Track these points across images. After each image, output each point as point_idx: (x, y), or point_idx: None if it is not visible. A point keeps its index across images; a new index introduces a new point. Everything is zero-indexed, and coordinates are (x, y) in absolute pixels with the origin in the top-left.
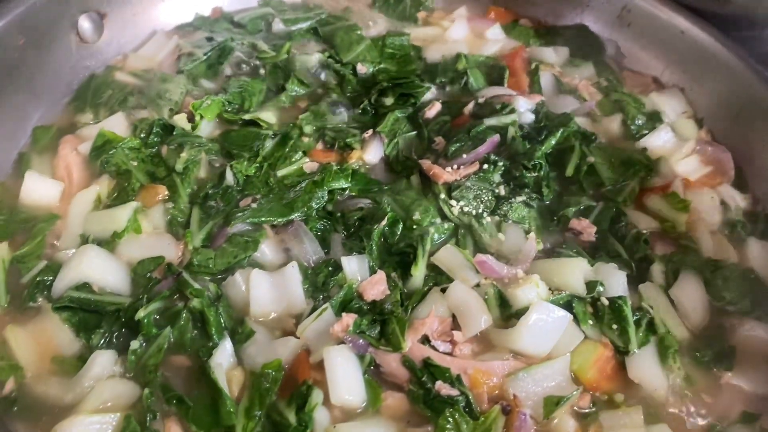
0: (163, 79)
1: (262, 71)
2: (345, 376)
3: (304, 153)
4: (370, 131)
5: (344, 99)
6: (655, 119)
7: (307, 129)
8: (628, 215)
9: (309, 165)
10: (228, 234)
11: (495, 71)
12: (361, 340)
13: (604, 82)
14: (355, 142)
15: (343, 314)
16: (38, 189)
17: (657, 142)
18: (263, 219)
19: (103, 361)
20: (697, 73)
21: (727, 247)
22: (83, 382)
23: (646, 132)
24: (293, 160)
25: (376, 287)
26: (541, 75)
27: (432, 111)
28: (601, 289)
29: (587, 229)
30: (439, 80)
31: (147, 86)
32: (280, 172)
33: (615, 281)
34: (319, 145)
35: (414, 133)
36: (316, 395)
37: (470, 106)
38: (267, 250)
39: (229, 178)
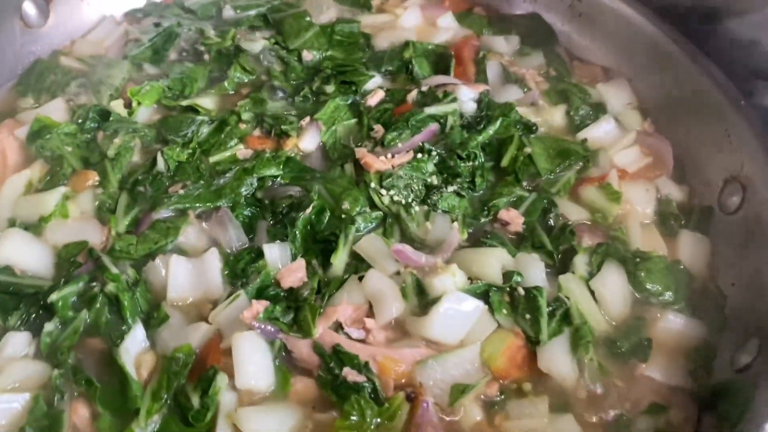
0: (108, 64)
1: (206, 57)
2: (251, 362)
3: (240, 139)
4: (308, 118)
5: (287, 86)
6: (599, 110)
7: (246, 116)
8: (559, 206)
9: (243, 152)
10: (152, 220)
11: (442, 60)
12: (270, 327)
13: (553, 71)
14: (292, 129)
15: (254, 301)
16: None
17: (598, 132)
18: (189, 205)
19: (17, 341)
20: (644, 64)
21: (657, 239)
22: None
23: (589, 123)
24: (228, 146)
25: (294, 274)
26: (489, 64)
27: (374, 99)
28: (519, 279)
29: (515, 219)
30: (385, 68)
31: (91, 72)
32: (213, 159)
33: (534, 272)
34: (257, 132)
35: (354, 121)
36: (221, 379)
37: (413, 94)
38: (191, 236)
39: (161, 164)
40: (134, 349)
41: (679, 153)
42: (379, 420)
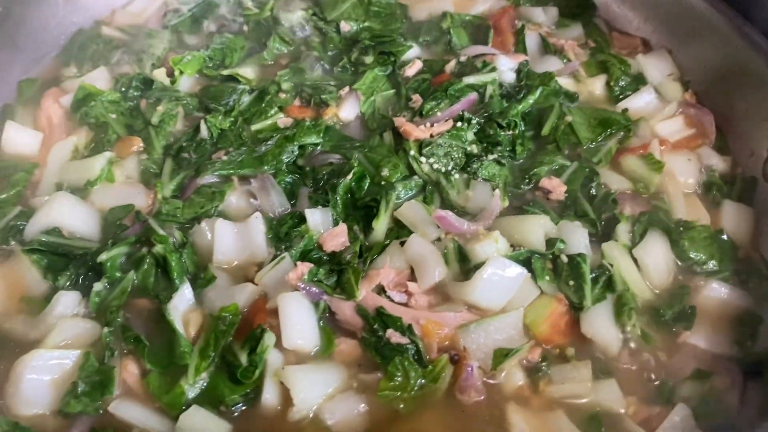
0: (148, 34)
1: (245, 28)
2: (297, 322)
3: (280, 108)
4: (347, 88)
5: (325, 57)
6: (639, 81)
7: (285, 86)
8: (600, 175)
9: (283, 120)
10: (197, 185)
11: (480, 31)
12: (314, 288)
13: (592, 43)
14: (331, 98)
15: (299, 263)
16: (18, 139)
17: (639, 103)
18: (232, 171)
19: (67, 300)
20: (685, 34)
21: (700, 208)
22: (47, 320)
23: (630, 93)
24: (269, 115)
25: (336, 239)
26: (528, 35)
27: (412, 69)
28: (562, 246)
29: (557, 188)
30: (423, 39)
31: (132, 41)
32: (254, 127)
33: (577, 239)
34: (297, 102)
35: (392, 91)
36: (268, 338)
37: (452, 64)
38: (234, 201)
39: (203, 131)
40: (182, 306)
41: (721, 123)
42: (423, 381)
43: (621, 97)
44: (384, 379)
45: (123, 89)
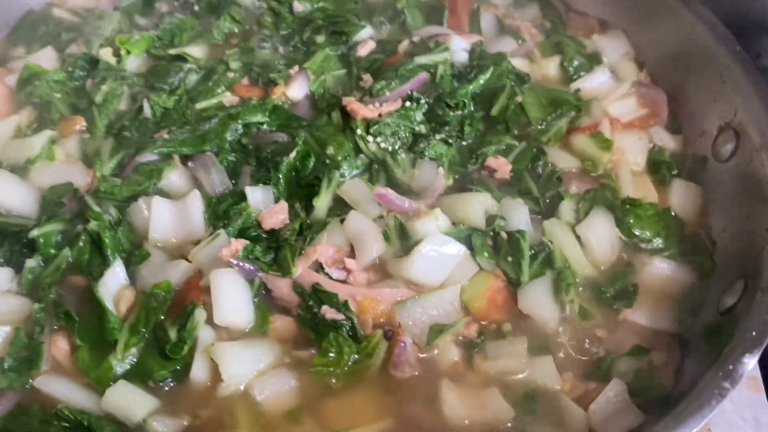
0: (98, 15)
1: (196, 8)
2: (229, 298)
3: (228, 88)
4: (297, 67)
5: (277, 36)
6: (593, 61)
7: (234, 65)
8: (548, 155)
9: (229, 99)
10: (136, 163)
11: (435, 11)
12: (249, 265)
13: (548, 23)
14: (280, 77)
15: (233, 240)
16: None
17: (592, 83)
18: (173, 149)
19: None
20: (640, 14)
21: (648, 186)
22: None
23: (584, 74)
24: (215, 93)
25: (276, 216)
26: (483, 16)
27: (365, 49)
28: (502, 223)
29: (502, 167)
30: (377, 19)
31: (82, 23)
32: (199, 105)
33: (517, 216)
34: (245, 81)
35: (344, 71)
36: (199, 314)
37: (405, 44)
38: (175, 179)
39: (147, 110)
40: (113, 284)
41: (674, 103)
42: (357, 356)
43: (575, 77)
44: (318, 355)
45: (69, 69)
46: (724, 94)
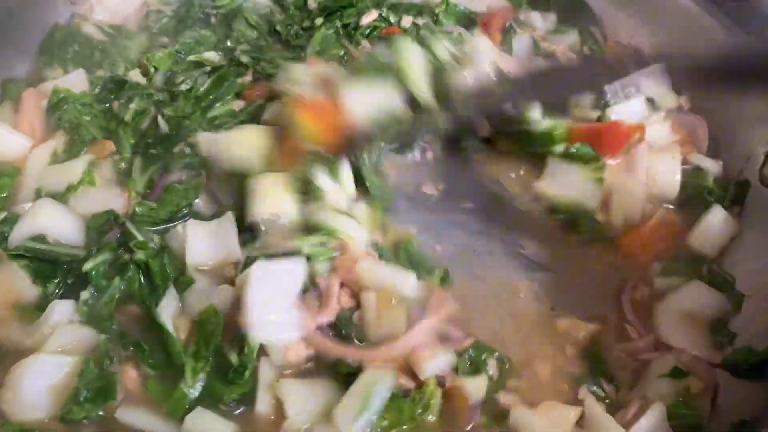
0: (126, 36)
1: (213, 20)
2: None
3: (237, 95)
4: None
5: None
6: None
7: (244, 58)
8: None
9: (238, 104)
10: (166, 182)
11: (469, 24)
12: None
13: (587, 50)
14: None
15: None
16: (5, 143)
17: (627, 112)
18: (192, 164)
19: (62, 308)
20: (680, 40)
21: None
22: (42, 328)
23: (618, 101)
24: (226, 100)
25: None
26: (519, 37)
27: (367, 18)
28: None
29: None
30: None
31: (110, 43)
32: (211, 114)
33: None
34: (249, 78)
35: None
36: (252, 337)
37: (408, 19)
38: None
39: (161, 124)
40: (170, 309)
41: (714, 128)
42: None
43: (612, 104)
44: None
45: (96, 91)
46: None
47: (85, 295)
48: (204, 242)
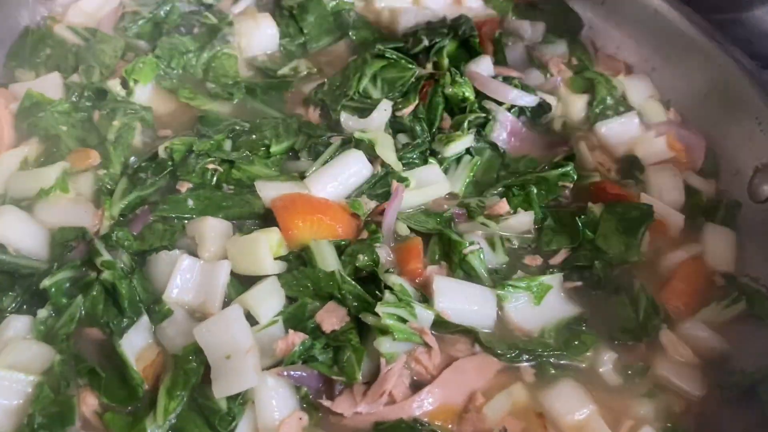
0: (99, 39)
1: (196, 30)
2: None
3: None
4: None
5: None
6: (620, 104)
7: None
8: None
9: None
10: (149, 220)
11: None
12: (300, 372)
13: (575, 61)
14: None
15: (291, 332)
16: None
17: (620, 127)
18: (191, 215)
19: (18, 325)
20: (668, 53)
21: None
22: None
23: (610, 114)
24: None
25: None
26: (512, 47)
27: None
28: None
29: None
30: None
31: (85, 46)
32: (236, 175)
33: None
34: None
35: None
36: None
37: None
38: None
39: (162, 154)
40: (138, 341)
41: (707, 145)
42: None
43: (600, 118)
44: None
45: (74, 99)
46: (758, 134)
47: (43, 313)
48: (192, 280)
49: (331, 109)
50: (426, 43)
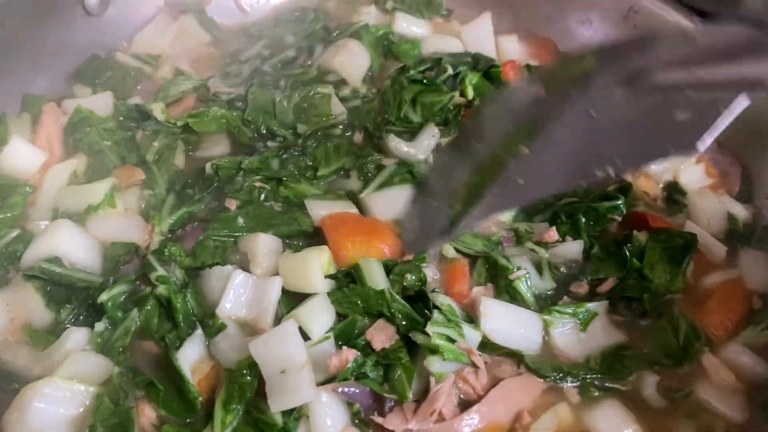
0: (182, 75)
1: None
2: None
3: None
4: None
5: None
6: None
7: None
8: None
9: None
10: (200, 237)
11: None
12: (353, 389)
13: None
14: None
15: (344, 348)
16: (21, 155)
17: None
18: (240, 234)
19: (77, 337)
20: None
21: None
22: (54, 355)
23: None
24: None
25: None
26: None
27: None
28: None
29: None
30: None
31: (150, 72)
32: (285, 193)
33: None
34: None
35: None
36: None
37: None
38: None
39: (208, 170)
40: (193, 355)
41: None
42: None
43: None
44: None
45: (120, 118)
46: None
47: (99, 326)
48: (245, 295)
49: (374, 136)
50: (451, 71)
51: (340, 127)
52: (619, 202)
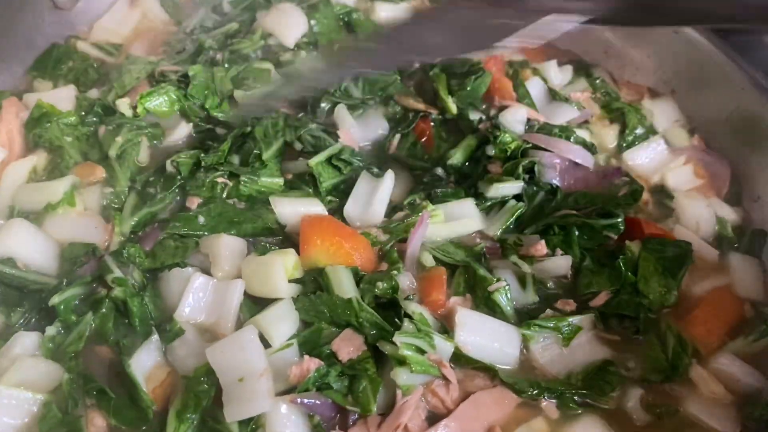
0: (130, 60)
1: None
2: None
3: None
4: None
5: None
6: (650, 131)
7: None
8: None
9: None
10: (160, 237)
11: None
12: (313, 400)
13: (600, 95)
14: None
15: (306, 357)
16: None
17: (647, 153)
18: (203, 233)
19: (26, 342)
20: (689, 76)
21: None
22: (2, 361)
23: (637, 143)
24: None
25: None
26: (532, 82)
27: None
28: None
29: None
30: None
31: (112, 63)
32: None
33: None
34: None
35: None
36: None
37: None
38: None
39: (169, 168)
40: (148, 361)
41: (732, 171)
42: None
43: (628, 147)
44: None
45: (82, 113)
46: None
47: (51, 330)
48: (203, 299)
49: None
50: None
51: None
52: (618, 219)
